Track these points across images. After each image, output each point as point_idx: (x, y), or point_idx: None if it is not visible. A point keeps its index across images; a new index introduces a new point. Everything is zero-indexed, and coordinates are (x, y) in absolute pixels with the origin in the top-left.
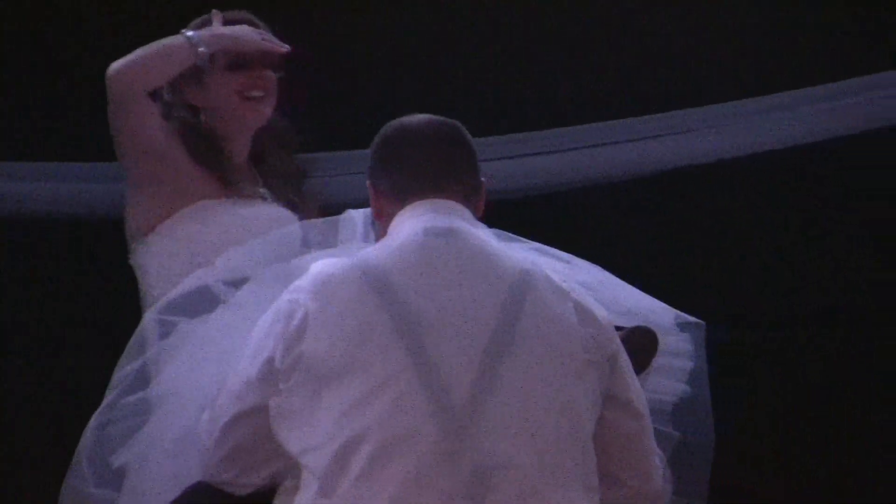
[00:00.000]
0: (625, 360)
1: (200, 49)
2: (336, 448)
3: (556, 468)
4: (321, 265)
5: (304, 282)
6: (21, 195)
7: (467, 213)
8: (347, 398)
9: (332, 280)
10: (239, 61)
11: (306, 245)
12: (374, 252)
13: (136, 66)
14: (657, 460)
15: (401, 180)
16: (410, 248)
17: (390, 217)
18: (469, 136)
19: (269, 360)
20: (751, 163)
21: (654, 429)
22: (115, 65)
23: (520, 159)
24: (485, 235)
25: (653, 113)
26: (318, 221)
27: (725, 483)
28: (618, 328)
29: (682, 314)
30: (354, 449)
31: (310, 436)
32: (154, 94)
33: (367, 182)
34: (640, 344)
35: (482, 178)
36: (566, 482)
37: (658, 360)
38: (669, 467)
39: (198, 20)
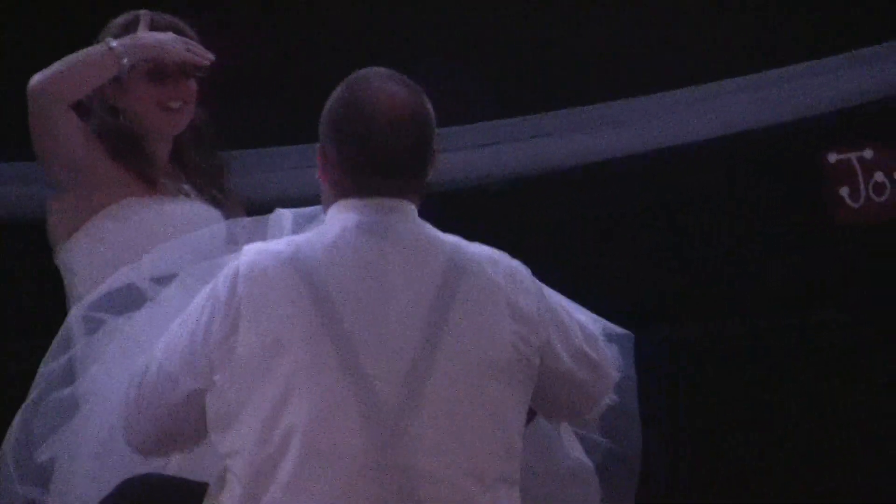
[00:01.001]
0: (560, 329)
1: (123, 61)
2: (263, 456)
3: (482, 475)
4: (255, 253)
5: (236, 263)
6: None
7: (407, 206)
8: (275, 402)
9: (266, 273)
10: (159, 71)
11: (233, 242)
12: (309, 246)
13: (57, 79)
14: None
15: (341, 170)
16: (344, 247)
17: (330, 195)
18: (427, 106)
19: (203, 350)
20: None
21: (583, 436)
22: (36, 77)
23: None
24: (419, 232)
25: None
26: (246, 220)
27: None
28: None
29: (611, 325)
30: (281, 458)
31: (237, 438)
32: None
33: (318, 148)
34: None
35: (434, 149)
36: (492, 485)
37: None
38: (598, 475)
39: (124, 18)
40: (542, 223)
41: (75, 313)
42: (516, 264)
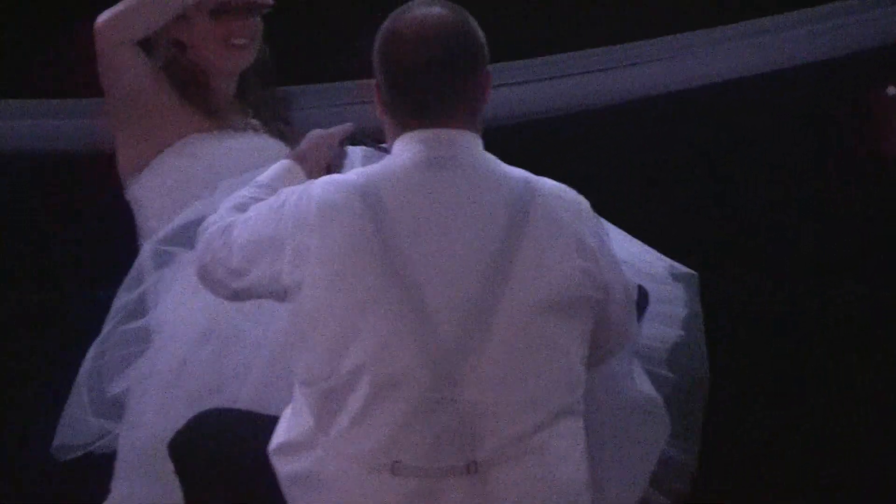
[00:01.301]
0: (616, 269)
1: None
2: (331, 387)
3: (542, 410)
4: (326, 182)
5: (311, 188)
6: (10, 132)
7: (468, 135)
8: (341, 335)
9: (336, 204)
10: (224, 8)
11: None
12: (377, 178)
13: (123, 19)
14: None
15: (394, 103)
16: (410, 180)
17: (392, 129)
18: (474, 28)
19: (277, 273)
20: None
21: (651, 371)
22: (103, 17)
23: (510, 87)
24: (486, 165)
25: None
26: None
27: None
28: None
29: (677, 265)
30: (348, 390)
31: (307, 367)
32: None
33: (374, 80)
34: None
35: (487, 70)
36: (552, 421)
37: (653, 308)
38: (666, 408)
39: None
40: (580, 161)
41: (148, 247)
42: (581, 199)
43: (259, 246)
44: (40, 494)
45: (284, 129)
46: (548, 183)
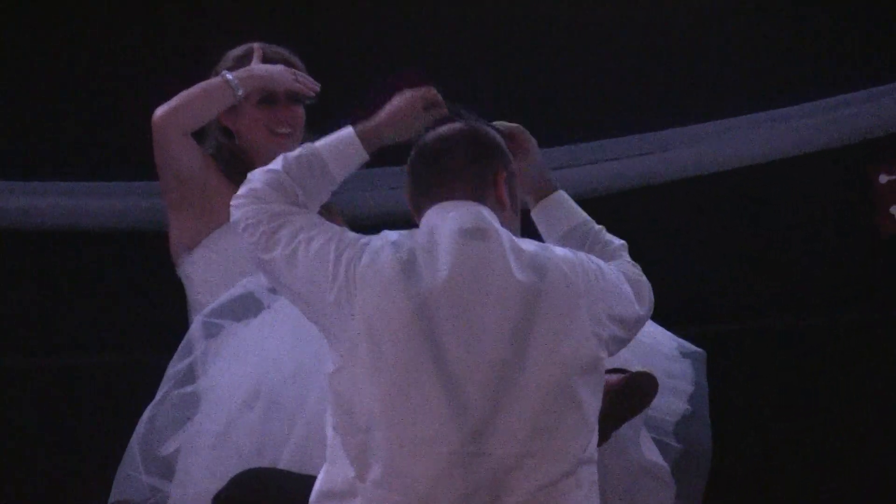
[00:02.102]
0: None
1: (238, 92)
2: (364, 440)
3: (565, 461)
4: (381, 238)
5: (364, 242)
6: (74, 211)
7: (489, 211)
8: (374, 391)
9: (379, 260)
10: (270, 98)
11: None
12: (414, 244)
13: (178, 112)
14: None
15: (413, 188)
16: (447, 251)
17: (418, 211)
18: (482, 135)
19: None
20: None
21: (659, 441)
22: (160, 110)
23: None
24: (507, 235)
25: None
26: (352, 235)
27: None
28: (621, 370)
29: (685, 343)
30: (382, 443)
31: (343, 419)
32: None
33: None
34: (641, 387)
35: (499, 170)
36: (574, 469)
37: (663, 382)
38: (672, 475)
39: (239, 50)
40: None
41: (199, 319)
42: (594, 265)
43: (309, 266)
44: None
45: (323, 211)
46: (559, 251)
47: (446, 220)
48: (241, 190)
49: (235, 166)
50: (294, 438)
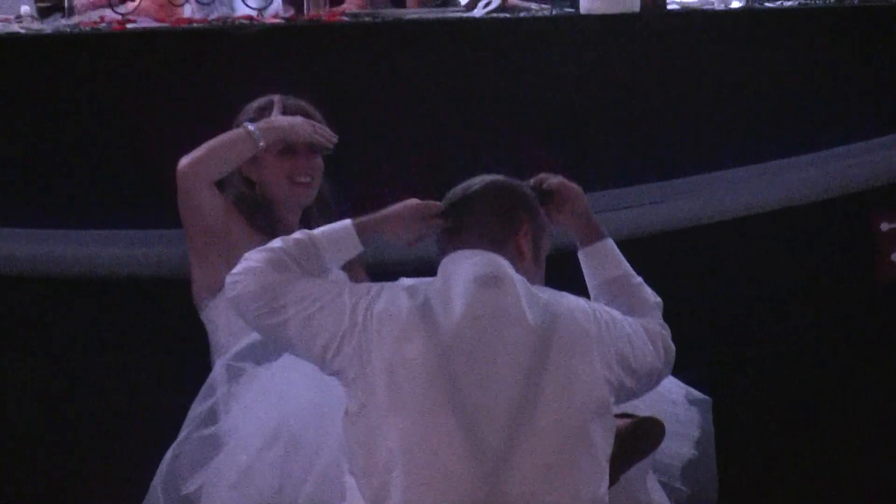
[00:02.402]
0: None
1: (260, 143)
2: (383, 480)
3: (577, 501)
4: (398, 286)
5: (382, 293)
6: (95, 259)
7: (503, 261)
8: (389, 432)
9: (394, 318)
10: (290, 149)
11: None
12: (432, 293)
13: (202, 163)
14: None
15: (439, 235)
16: (461, 295)
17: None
18: (506, 189)
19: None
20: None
21: (666, 484)
22: (184, 161)
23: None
24: (522, 285)
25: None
26: (367, 285)
27: None
28: (629, 415)
29: (692, 390)
30: (402, 483)
31: (358, 460)
32: None
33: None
34: (648, 431)
35: (522, 223)
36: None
37: (671, 428)
38: None
39: (259, 102)
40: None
41: (220, 363)
42: (607, 315)
43: (321, 323)
44: None
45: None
46: (573, 299)
47: (462, 266)
48: (238, 268)
49: (257, 214)
50: (313, 478)
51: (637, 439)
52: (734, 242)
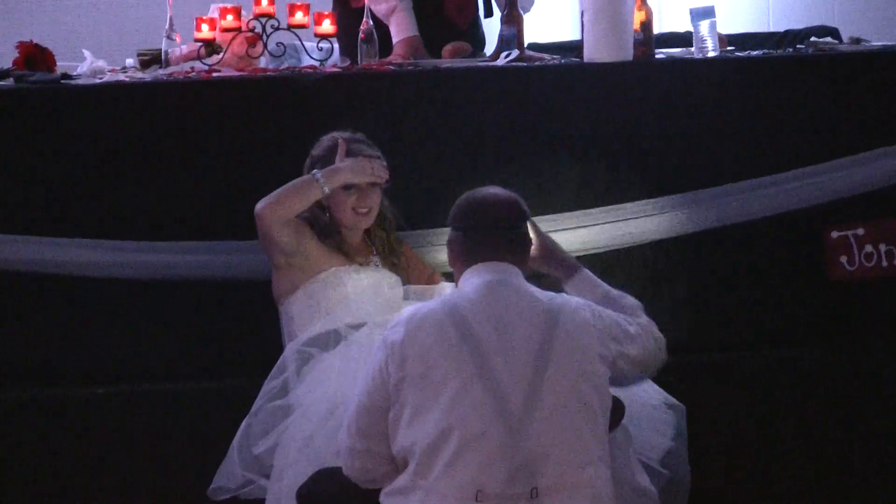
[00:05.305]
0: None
1: (325, 188)
2: (429, 442)
3: (584, 453)
4: (414, 309)
5: (401, 318)
6: (195, 265)
7: (514, 269)
8: (436, 405)
9: (421, 316)
10: (352, 185)
11: (407, 300)
12: (452, 296)
13: (276, 206)
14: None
15: (466, 250)
16: (478, 293)
17: (460, 269)
18: (521, 207)
19: (384, 383)
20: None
21: (650, 467)
22: (261, 204)
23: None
24: (527, 286)
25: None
26: (417, 286)
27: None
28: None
29: (670, 397)
30: (443, 444)
31: (411, 434)
32: None
33: (447, 242)
34: (613, 409)
35: (527, 233)
36: (590, 461)
37: (652, 425)
38: (660, 497)
39: (327, 143)
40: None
41: (291, 347)
42: (598, 308)
43: (375, 370)
44: None
45: (397, 263)
46: (569, 297)
47: (478, 274)
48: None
49: (327, 232)
50: None
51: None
52: (715, 249)
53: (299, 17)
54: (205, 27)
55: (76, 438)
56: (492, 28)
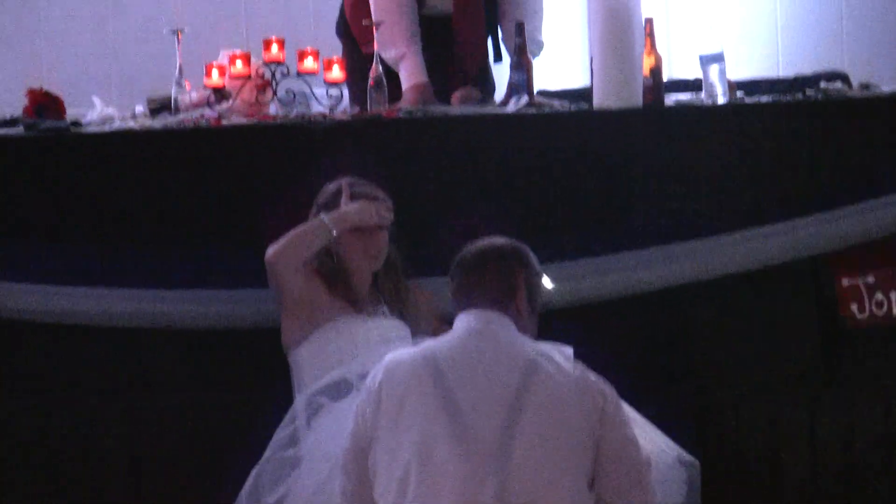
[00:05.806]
0: (615, 412)
1: (333, 232)
2: (395, 486)
3: (559, 499)
4: (394, 354)
5: (381, 363)
6: (201, 315)
7: (501, 317)
8: (403, 450)
9: (398, 361)
10: (360, 229)
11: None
12: (433, 343)
13: (286, 252)
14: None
15: (455, 297)
16: (458, 341)
17: (456, 316)
18: (517, 255)
19: (364, 426)
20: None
21: None
22: (270, 251)
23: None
24: (509, 335)
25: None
26: (424, 337)
27: None
28: None
29: (683, 452)
30: (410, 480)
31: (384, 480)
32: None
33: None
34: None
35: (520, 279)
36: None
37: (666, 485)
38: None
39: (332, 187)
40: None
41: (302, 397)
42: (581, 364)
43: (356, 414)
44: None
45: (405, 311)
46: (551, 345)
47: (463, 323)
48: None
49: (335, 279)
50: None
51: None
52: (727, 297)
53: (309, 62)
54: (215, 73)
55: (80, 447)
56: (501, 74)
